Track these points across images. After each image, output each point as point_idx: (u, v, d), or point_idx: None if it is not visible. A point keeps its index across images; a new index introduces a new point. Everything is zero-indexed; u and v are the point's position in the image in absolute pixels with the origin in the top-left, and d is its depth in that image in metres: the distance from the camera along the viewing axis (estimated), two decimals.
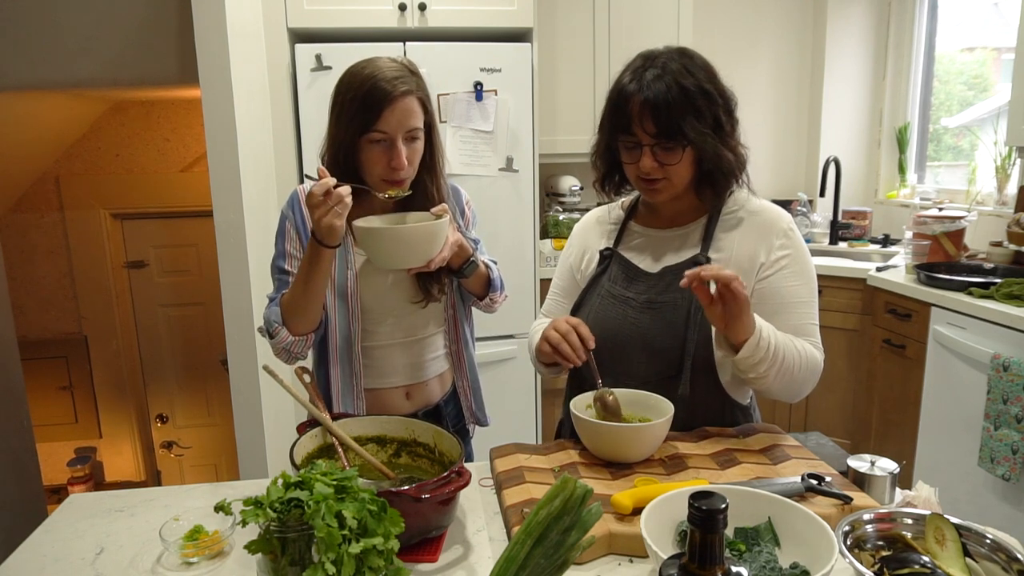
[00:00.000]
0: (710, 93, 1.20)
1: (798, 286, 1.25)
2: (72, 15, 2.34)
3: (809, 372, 1.23)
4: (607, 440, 1.14)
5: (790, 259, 1.26)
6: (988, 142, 3.04)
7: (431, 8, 2.56)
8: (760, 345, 1.15)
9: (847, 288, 2.91)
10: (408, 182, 1.32)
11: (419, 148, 1.32)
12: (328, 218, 1.16)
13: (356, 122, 1.26)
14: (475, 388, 1.54)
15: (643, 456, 1.15)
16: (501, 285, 1.49)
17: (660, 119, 1.17)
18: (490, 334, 2.72)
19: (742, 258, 1.26)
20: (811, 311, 1.26)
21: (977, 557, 0.85)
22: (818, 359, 1.24)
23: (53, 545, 1.04)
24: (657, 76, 1.18)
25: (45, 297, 3.86)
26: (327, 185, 1.15)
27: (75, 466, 3.82)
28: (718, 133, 1.21)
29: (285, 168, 2.66)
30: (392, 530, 0.83)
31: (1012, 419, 2.10)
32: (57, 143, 3.68)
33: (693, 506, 0.63)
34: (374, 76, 1.25)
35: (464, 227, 1.49)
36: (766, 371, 1.17)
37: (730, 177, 1.26)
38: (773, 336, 1.17)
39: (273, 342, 1.33)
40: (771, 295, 1.25)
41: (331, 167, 1.34)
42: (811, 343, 1.25)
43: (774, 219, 1.29)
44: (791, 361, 1.19)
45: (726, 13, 3.62)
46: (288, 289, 1.32)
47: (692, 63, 1.21)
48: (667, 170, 1.22)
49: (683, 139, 1.18)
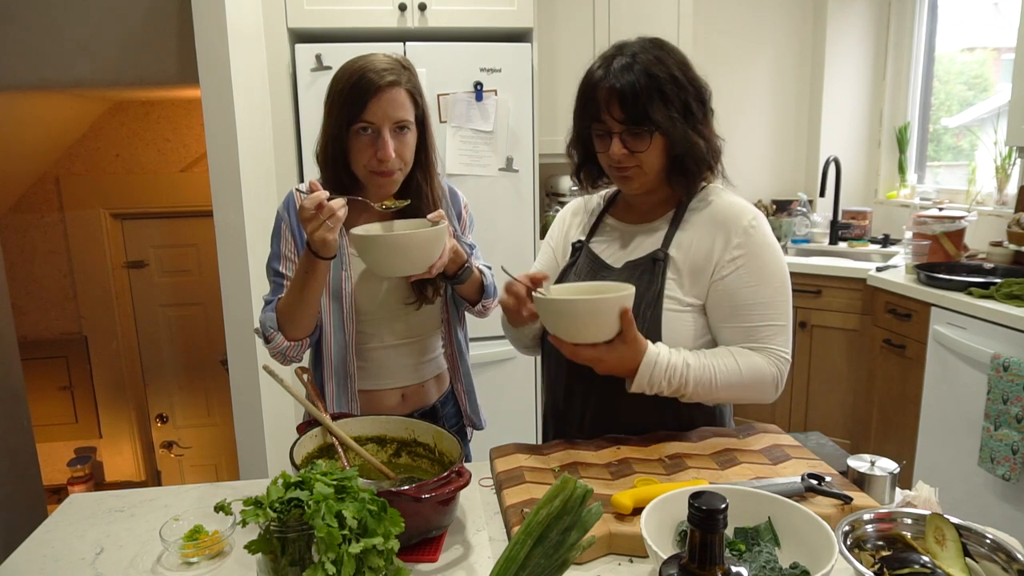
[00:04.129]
0: (679, 80, 1.19)
1: (753, 287, 1.20)
2: (72, 15, 2.34)
3: (748, 382, 1.18)
4: (567, 316, 1.10)
5: (746, 258, 1.20)
6: (988, 142, 3.04)
7: (431, 8, 2.56)
8: (656, 371, 1.14)
9: (847, 288, 2.91)
10: (397, 176, 1.32)
11: (409, 142, 1.32)
12: (320, 232, 1.15)
13: (344, 112, 1.27)
14: (470, 392, 1.54)
15: (607, 335, 1.11)
16: (495, 291, 1.48)
17: (627, 105, 1.17)
18: (490, 334, 2.71)
19: (699, 256, 1.23)
20: (771, 313, 1.20)
21: (977, 557, 0.85)
22: (762, 367, 1.19)
23: (53, 545, 1.04)
24: (626, 64, 1.18)
25: (45, 297, 3.86)
26: (318, 199, 1.14)
27: (75, 466, 3.83)
28: (688, 120, 1.20)
29: (285, 168, 2.66)
30: (392, 530, 0.83)
31: (1012, 419, 2.10)
32: (57, 143, 3.68)
33: (693, 506, 0.63)
34: (363, 68, 1.26)
35: (460, 231, 1.48)
36: (674, 393, 1.17)
37: (702, 165, 1.23)
38: (677, 360, 1.16)
39: (269, 346, 1.33)
40: (723, 297, 1.21)
41: (323, 161, 1.35)
42: (762, 350, 1.20)
43: (735, 215, 1.23)
44: (713, 379, 1.16)
45: (726, 13, 3.62)
46: (284, 295, 1.32)
47: (663, 52, 1.20)
48: (638, 157, 1.21)
49: (651, 125, 1.17)
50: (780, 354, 1.21)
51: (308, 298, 1.27)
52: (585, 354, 1.12)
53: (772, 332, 1.21)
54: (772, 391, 1.22)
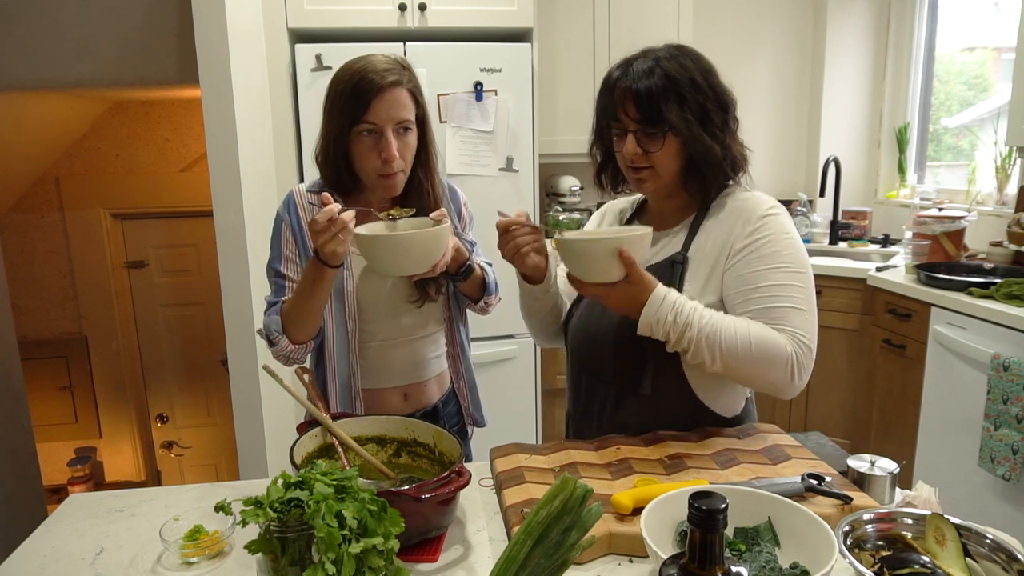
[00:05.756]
0: (699, 84, 1.18)
1: (767, 270, 1.16)
2: (72, 15, 2.34)
3: (758, 354, 1.11)
4: (569, 254, 1.15)
5: (761, 242, 1.17)
6: (988, 142, 3.04)
7: (431, 8, 2.57)
8: (663, 307, 1.12)
9: (847, 288, 2.91)
10: (400, 177, 1.32)
11: (411, 142, 1.33)
12: (331, 245, 1.16)
13: (346, 113, 1.27)
14: (472, 389, 1.54)
15: (609, 276, 1.12)
16: (496, 288, 1.48)
17: (642, 104, 1.17)
18: (490, 334, 2.72)
19: (714, 248, 1.21)
20: (785, 295, 1.14)
21: (977, 557, 0.85)
22: (777, 341, 1.12)
23: (53, 545, 1.04)
24: (645, 66, 1.18)
25: (45, 297, 3.86)
26: (331, 213, 1.14)
27: (75, 466, 3.83)
28: (706, 125, 1.19)
29: (285, 168, 2.66)
30: (392, 530, 0.83)
31: (1012, 419, 2.10)
32: (57, 143, 3.69)
33: (693, 506, 0.63)
34: (364, 68, 1.26)
35: (460, 229, 1.49)
36: (679, 340, 1.13)
37: (717, 171, 1.21)
38: (687, 303, 1.13)
39: (274, 349, 1.33)
40: (734, 281, 1.18)
41: (323, 162, 1.35)
42: (781, 329, 1.13)
43: (752, 206, 1.21)
44: (718, 334, 1.11)
45: (726, 13, 3.62)
46: (289, 299, 1.32)
47: (686, 57, 1.20)
48: (651, 159, 1.20)
49: (665, 125, 1.17)
50: (799, 336, 1.13)
51: (315, 303, 1.28)
52: (591, 291, 1.16)
53: (789, 313, 1.14)
54: (786, 375, 1.13)
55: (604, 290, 1.14)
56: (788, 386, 1.15)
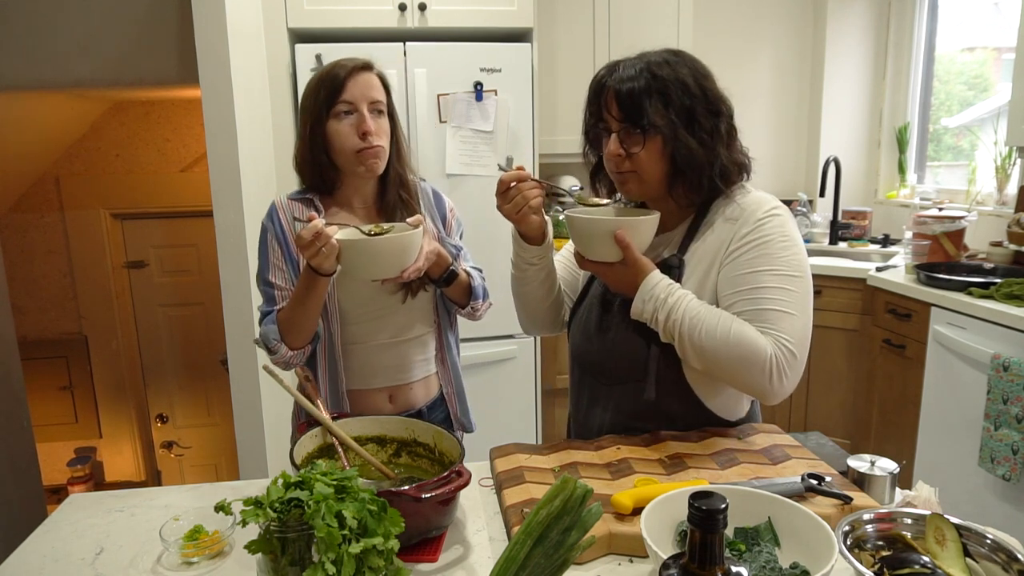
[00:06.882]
0: (688, 86, 1.15)
1: (758, 272, 1.13)
2: (72, 15, 2.34)
3: (735, 352, 1.09)
4: (572, 231, 1.20)
5: (756, 243, 1.14)
6: (988, 142, 3.04)
7: (431, 8, 2.56)
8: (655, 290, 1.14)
9: (847, 288, 2.91)
10: (380, 153, 1.35)
11: (385, 126, 1.37)
12: (317, 259, 1.19)
13: (321, 99, 1.33)
14: (460, 394, 1.55)
15: (608, 256, 1.17)
16: (484, 293, 1.48)
17: (624, 102, 1.16)
18: (490, 334, 2.72)
19: (711, 251, 1.19)
20: (777, 297, 1.12)
21: (977, 557, 0.85)
22: (757, 342, 1.09)
23: (53, 545, 1.04)
24: (632, 65, 1.18)
25: (45, 297, 3.86)
26: (316, 228, 1.16)
27: (75, 466, 3.83)
28: (692, 128, 1.16)
29: (285, 168, 2.66)
30: (392, 530, 0.83)
31: (1012, 419, 2.10)
32: (57, 143, 3.69)
33: (693, 506, 0.63)
34: (334, 63, 1.35)
35: (445, 234, 1.49)
36: (665, 326, 1.13)
37: (700, 176, 1.17)
38: (679, 290, 1.14)
39: (273, 357, 1.35)
40: (726, 282, 1.16)
41: (303, 163, 1.39)
42: (764, 329, 1.11)
43: (752, 208, 1.18)
44: (699, 325, 1.11)
45: (726, 13, 3.62)
46: (284, 308, 1.34)
47: (677, 59, 1.19)
48: (634, 161, 1.18)
49: (646, 122, 1.14)
50: (783, 340, 1.10)
51: (310, 310, 1.30)
52: (591, 267, 1.21)
53: (777, 317, 1.11)
54: (763, 378, 1.10)
55: (603, 268, 1.19)
56: (766, 390, 1.12)
